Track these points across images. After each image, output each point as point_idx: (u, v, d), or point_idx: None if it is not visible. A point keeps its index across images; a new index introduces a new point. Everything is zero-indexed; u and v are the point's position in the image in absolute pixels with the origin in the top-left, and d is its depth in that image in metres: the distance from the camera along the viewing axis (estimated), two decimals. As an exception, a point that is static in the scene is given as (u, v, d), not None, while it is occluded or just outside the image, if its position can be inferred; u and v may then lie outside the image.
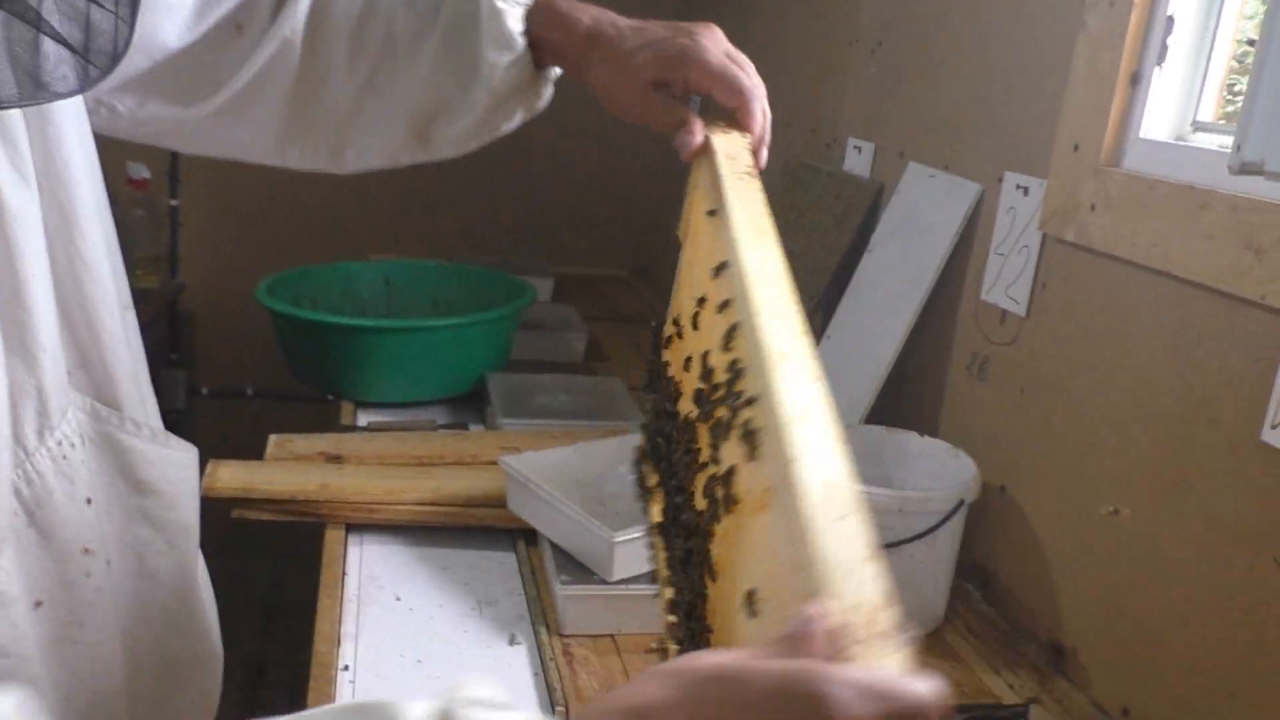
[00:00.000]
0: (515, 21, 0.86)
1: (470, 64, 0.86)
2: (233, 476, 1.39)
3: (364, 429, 1.72)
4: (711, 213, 0.67)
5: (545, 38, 0.87)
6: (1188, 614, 1.04)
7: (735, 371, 0.54)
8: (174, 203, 2.74)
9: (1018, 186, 1.32)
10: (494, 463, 1.53)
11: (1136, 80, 1.14)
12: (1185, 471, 1.05)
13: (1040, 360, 1.28)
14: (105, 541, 0.72)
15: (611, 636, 1.23)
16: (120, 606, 0.75)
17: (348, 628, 1.20)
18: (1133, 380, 1.12)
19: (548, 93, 0.93)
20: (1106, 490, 1.16)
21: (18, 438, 0.66)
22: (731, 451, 0.53)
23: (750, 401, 0.51)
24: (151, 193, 2.67)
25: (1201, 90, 1.12)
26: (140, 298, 2.58)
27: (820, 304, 1.70)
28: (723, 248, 0.62)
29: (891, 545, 1.22)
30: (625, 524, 1.20)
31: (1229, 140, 1.06)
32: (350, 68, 0.89)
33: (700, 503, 0.55)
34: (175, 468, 0.81)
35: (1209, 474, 1.02)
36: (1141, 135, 1.14)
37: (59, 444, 0.68)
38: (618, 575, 1.21)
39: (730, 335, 0.55)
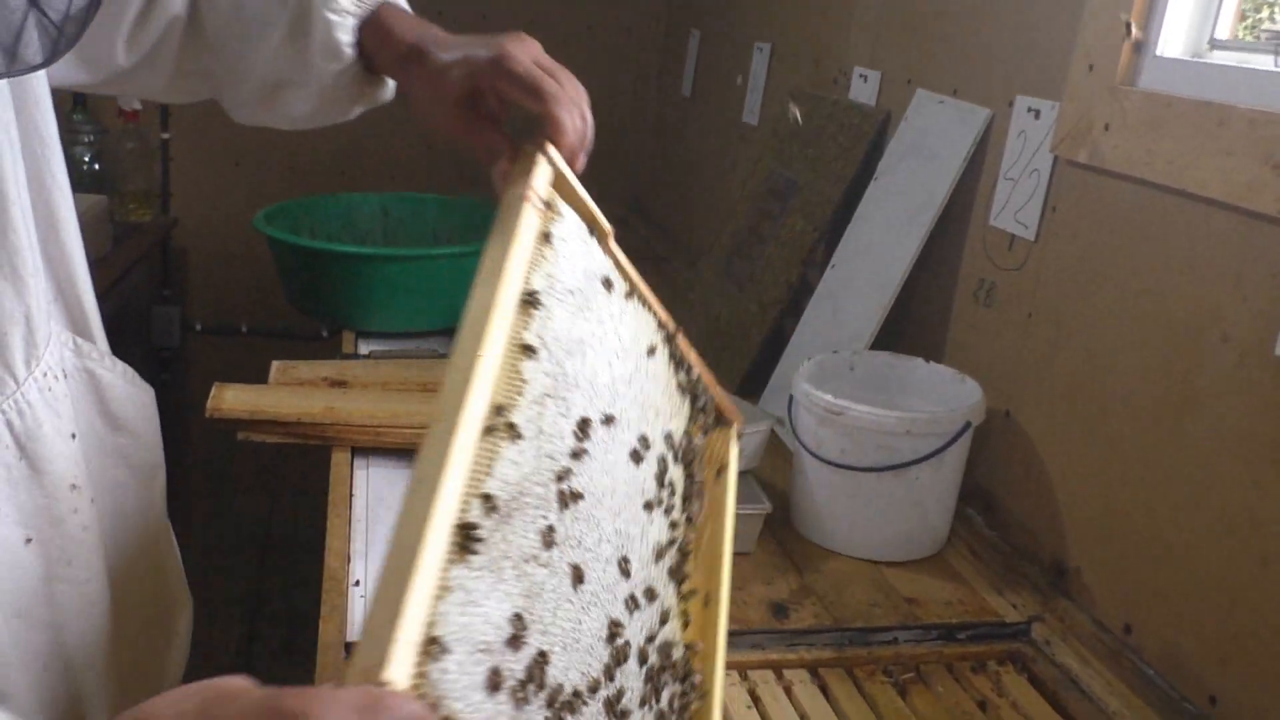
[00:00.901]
0: (345, 33, 0.85)
1: (304, 62, 0.87)
2: (237, 398, 1.39)
3: (366, 357, 1.72)
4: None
5: (371, 52, 0.87)
6: (1192, 531, 1.05)
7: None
8: (165, 135, 2.71)
9: (1029, 110, 1.31)
10: (498, 389, 1.53)
11: (1153, -1, 1.13)
12: (1194, 389, 1.05)
13: (1048, 285, 1.28)
14: (89, 479, 0.71)
15: (619, 555, 1.24)
16: (102, 545, 0.74)
17: (357, 545, 1.21)
18: (1143, 301, 1.13)
19: (387, 92, 0.93)
20: (1112, 411, 1.16)
21: (8, 365, 0.64)
22: None
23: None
24: (142, 124, 2.63)
25: (1219, 7, 1.11)
26: (131, 232, 2.57)
27: (824, 234, 1.69)
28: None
29: (898, 467, 1.23)
30: (634, 443, 1.20)
31: (1248, 57, 1.06)
32: (216, 35, 0.89)
33: None
34: (143, 406, 0.80)
35: (1218, 390, 1.02)
36: (1158, 54, 1.13)
37: (45, 375, 0.67)
38: (626, 494, 1.22)
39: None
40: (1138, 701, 1.05)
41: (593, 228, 0.76)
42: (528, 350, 0.61)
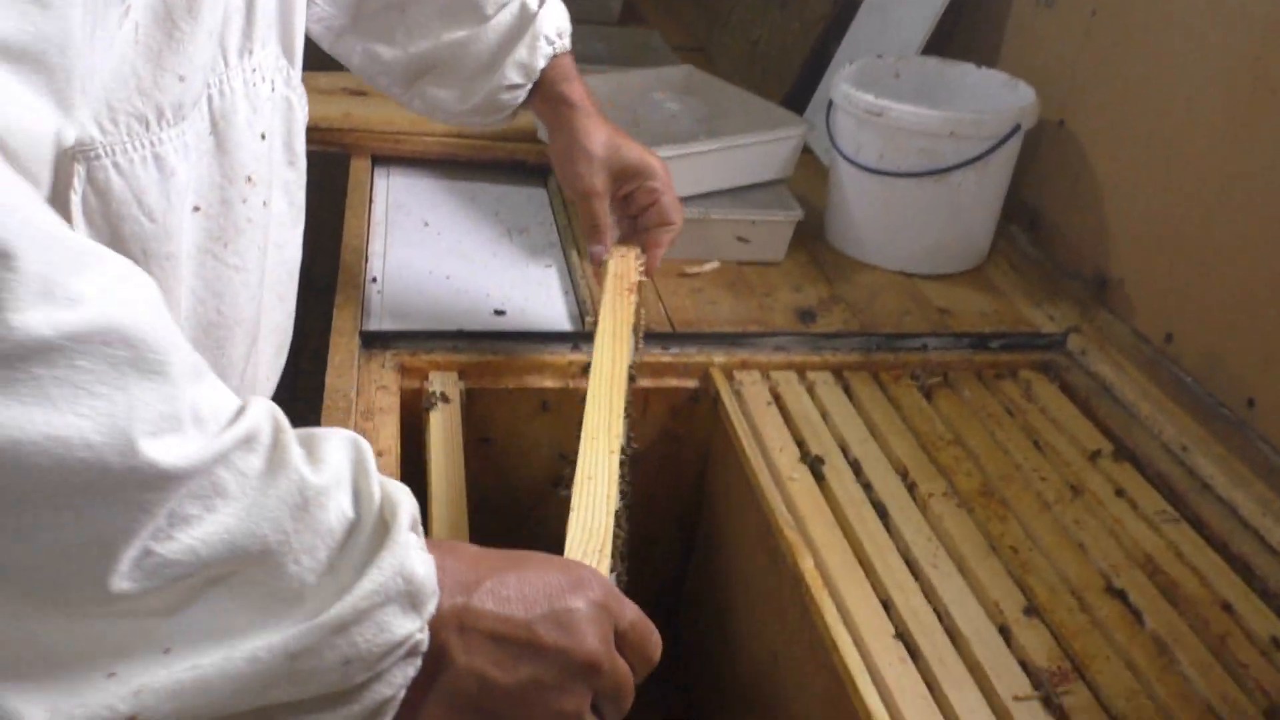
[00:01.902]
0: (542, 60, 0.94)
1: (490, 65, 0.93)
2: (252, 102, 1.34)
3: (388, 74, 1.64)
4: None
5: (547, 88, 0.95)
6: (1245, 236, 0.99)
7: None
8: None
9: None
10: (523, 101, 1.46)
11: None
12: (1269, 79, 0.96)
13: (1117, -24, 1.17)
14: (265, 182, 0.71)
15: (643, 261, 1.20)
16: (261, 249, 0.74)
17: (375, 246, 1.18)
18: (1221, -16, 1.02)
19: (507, 118, 0.99)
20: (1174, 113, 1.08)
21: (222, 47, 0.63)
22: None
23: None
24: None
25: None
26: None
27: (875, -59, 1.56)
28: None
29: (939, 171, 1.16)
30: (657, 142, 1.14)
31: None
32: None
33: None
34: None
35: (1296, 75, 0.93)
36: None
37: (254, 71, 0.67)
38: (651, 197, 1.17)
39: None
40: (1172, 406, 1.02)
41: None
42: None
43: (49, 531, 0.37)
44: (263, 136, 0.70)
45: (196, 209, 0.66)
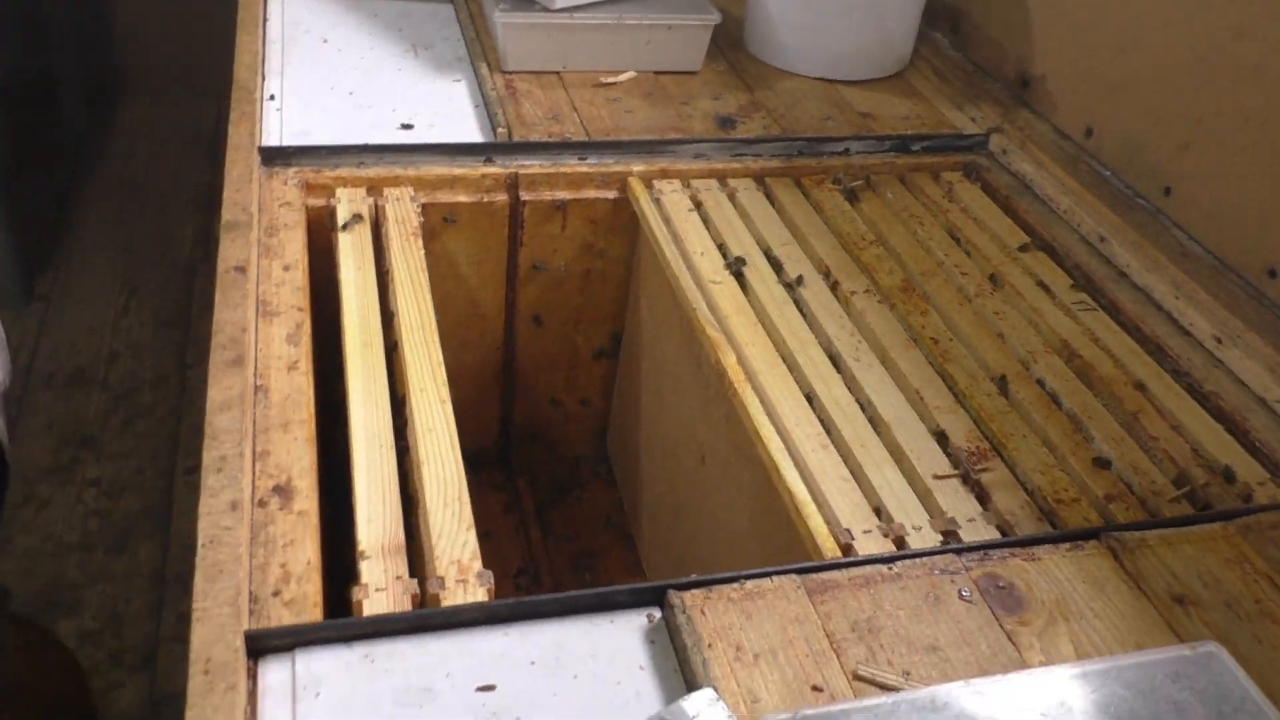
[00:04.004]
0: None
1: None
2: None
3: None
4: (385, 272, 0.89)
5: None
6: (1162, 22, 0.97)
7: None
8: None
9: None
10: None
11: None
12: None
13: None
14: None
15: (557, 73, 1.16)
16: None
17: (272, 64, 1.12)
18: None
19: None
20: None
21: None
22: None
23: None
24: None
25: None
26: None
27: None
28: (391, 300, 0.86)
29: (859, -32, 1.12)
30: (568, -58, 1.08)
31: None
32: None
33: None
34: None
35: None
36: None
37: None
38: (561, 2, 1.11)
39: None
40: (1091, 199, 1.02)
41: None
42: None
43: None
44: None
45: None
